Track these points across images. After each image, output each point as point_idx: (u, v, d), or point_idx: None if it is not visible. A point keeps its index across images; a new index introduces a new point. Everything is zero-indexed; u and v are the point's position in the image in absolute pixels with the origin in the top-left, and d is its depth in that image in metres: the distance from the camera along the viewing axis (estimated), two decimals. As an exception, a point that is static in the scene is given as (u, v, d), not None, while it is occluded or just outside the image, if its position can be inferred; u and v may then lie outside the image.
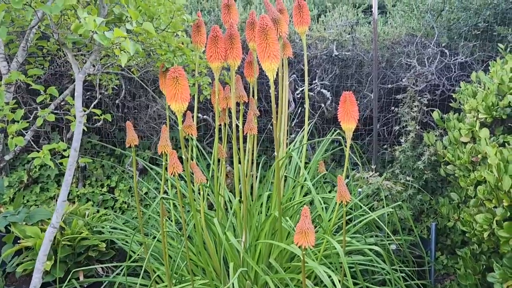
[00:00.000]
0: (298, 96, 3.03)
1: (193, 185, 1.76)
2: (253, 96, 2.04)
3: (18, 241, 2.20)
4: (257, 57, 1.56)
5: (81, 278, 2.18)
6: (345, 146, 1.80)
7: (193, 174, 1.68)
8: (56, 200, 3.60)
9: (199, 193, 1.84)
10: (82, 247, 2.24)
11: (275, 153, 1.60)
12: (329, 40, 2.95)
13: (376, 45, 2.93)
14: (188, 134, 1.97)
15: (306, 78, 2.09)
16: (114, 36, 1.26)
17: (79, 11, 1.23)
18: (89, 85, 3.31)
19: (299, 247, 1.30)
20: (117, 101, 3.35)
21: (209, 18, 3.18)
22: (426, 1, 3.11)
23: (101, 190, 3.51)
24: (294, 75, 3.04)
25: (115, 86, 3.15)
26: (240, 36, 1.85)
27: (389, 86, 3.07)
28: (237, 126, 1.87)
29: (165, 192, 2.45)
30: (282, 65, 2.00)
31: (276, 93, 3.14)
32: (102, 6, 1.52)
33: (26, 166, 3.56)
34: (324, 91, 3.01)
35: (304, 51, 2.06)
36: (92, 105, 2.32)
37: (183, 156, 1.57)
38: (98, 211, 2.98)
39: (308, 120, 3.17)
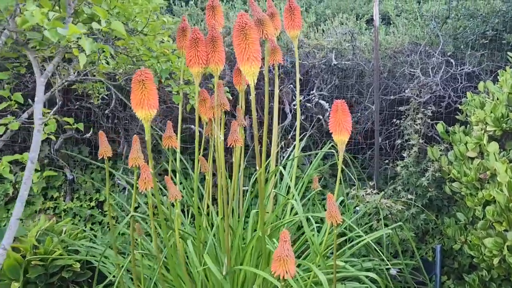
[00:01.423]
0: (296, 107, 2.86)
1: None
2: (238, 105, 1.88)
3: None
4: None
5: (53, 301, 2.01)
6: (340, 159, 1.63)
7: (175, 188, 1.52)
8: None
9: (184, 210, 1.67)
10: (55, 267, 2.07)
11: (257, 167, 1.44)
12: (328, 49, 2.80)
13: (377, 54, 2.77)
14: (169, 147, 1.81)
15: (298, 87, 1.93)
16: (69, 33, 1.11)
17: (28, 3, 1.09)
18: (78, 95, 3.18)
19: (278, 277, 1.12)
20: (106, 111, 3.21)
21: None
22: (431, 8, 2.96)
23: (89, 205, 3.35)
24: (291, 85, 2.88)
25: (105, 96, 3.01)
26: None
27: (392, 97, 2.90)
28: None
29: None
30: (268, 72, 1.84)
31: (271, 104, 2.99)
32: (67, 3, 1.38)
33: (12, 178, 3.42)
34: (322, 102, 2.85)
35: (295, 58, 1.91)
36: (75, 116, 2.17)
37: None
38: (83, 227, 2.82)
39: (306, 132, 3.02)
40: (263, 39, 1.54)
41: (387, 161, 2.93)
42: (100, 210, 3.30)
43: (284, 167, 2.08)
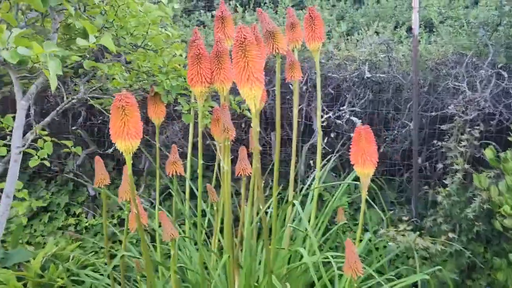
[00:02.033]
0: (324, 124, 2.62)
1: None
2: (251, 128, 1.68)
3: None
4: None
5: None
6: (364, 192, 1.38)
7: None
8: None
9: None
10: (57, 298, 1.94)
11: (261, 206, 1.22)
12: (360, 61, 2.54)
13: (416, 66, 2.48)
14: (173, 174, 1.63)
15: (319, 105, 1.70)
16: (33, 53, 0.95)
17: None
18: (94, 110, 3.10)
19: None
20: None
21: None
22: (479, 14, 2.63)
23: (111, 222, 3.24)
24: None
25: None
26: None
27: (433, 114, 2.60)
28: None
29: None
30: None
31: (300, 120, 2.77)
32: (53, 17, 1.23)
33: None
34: (354, 118, 2.59)
35: (317, 72, 1.68)
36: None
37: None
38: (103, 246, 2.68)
39: (335, 153, 2.76)
40: (273, 54, 1.34)
41: (427, 185, 2.62)
42: (122, 228, 3.19)
43: (307, 195, 1.85)
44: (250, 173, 1.47)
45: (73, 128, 3.20)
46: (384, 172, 2.81)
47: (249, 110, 2.01)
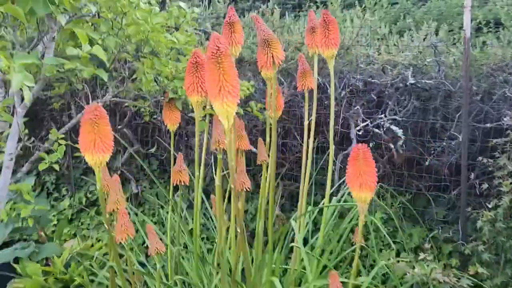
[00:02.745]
0: (360, 132, 2.45)
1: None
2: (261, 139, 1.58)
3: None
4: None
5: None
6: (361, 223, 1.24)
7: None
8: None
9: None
10: (74, 296, 1.99)
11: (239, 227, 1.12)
12: (403, 65, 2.33)
13: (467, 71, 2.23)
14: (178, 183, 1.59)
15: (332, 112, 1.56)
16: (4, 64, 0.95)
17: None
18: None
19: None
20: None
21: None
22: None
23: (151, 220, 3.31)
24: (357, 107, 2.47)
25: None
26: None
27: (488, 125, 2.32)
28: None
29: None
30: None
31: (337, 127, 2.61)
32: (50, 26, 1.23)
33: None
34: (394, 128, 2.39)
35: (331, 81, 1.54)
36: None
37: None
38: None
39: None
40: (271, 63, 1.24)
41: (477, 204, 2.34)
42: (162, 226, 3.24)
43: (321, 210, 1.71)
44: (248, 188, 1.39)
45: (119, 127, 3.30)
46: (431, 188, 2.57)
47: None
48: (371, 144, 2.50)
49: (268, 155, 1.57)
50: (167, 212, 3.38)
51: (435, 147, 2.47)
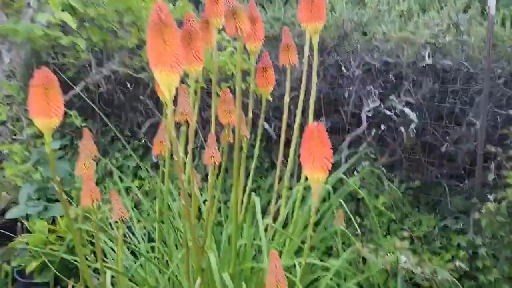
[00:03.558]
0: (371, 114, 2.34)
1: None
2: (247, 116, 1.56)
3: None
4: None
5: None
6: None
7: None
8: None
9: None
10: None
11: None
12: (419, 44, 2.19)
13: (490, 52, 2.06)
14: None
15: (313, 95, 1.49)
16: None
17: None
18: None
19: None
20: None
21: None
22: None
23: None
24: (371, 87, 2.35)
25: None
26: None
27: (511, 111, 2.14)
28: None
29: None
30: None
31: (347, 108, 2.51)
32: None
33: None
34: (407, 110, 2.26)
35: (314, 59, 1.47)
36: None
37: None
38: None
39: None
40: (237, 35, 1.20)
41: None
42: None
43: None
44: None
45: (141, 98, 3.37)
46: (448, 176, 2.43)
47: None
48: (383, 126, 2.39)
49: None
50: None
51: (452, 133, 2.32)
